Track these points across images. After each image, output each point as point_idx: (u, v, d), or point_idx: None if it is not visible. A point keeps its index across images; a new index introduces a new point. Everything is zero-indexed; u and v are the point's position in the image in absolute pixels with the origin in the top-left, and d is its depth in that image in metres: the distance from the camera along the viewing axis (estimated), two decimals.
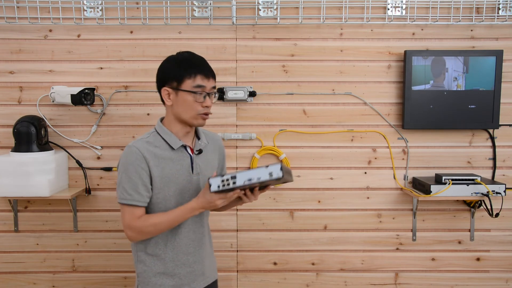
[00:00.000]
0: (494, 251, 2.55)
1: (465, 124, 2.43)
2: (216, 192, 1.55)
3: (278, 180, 1.54)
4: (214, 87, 1.67)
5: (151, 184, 1.62)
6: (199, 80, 1.62)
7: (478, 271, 2.56)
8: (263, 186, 1.61)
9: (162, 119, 1.72)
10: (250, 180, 1.53)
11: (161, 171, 1.62)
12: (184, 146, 1.68)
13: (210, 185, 1.55)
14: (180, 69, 1.63)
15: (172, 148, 1.66)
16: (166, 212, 1.63)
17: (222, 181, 1.54)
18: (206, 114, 1.66)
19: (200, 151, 1.72)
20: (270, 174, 1.52)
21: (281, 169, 1.51)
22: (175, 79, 1.63)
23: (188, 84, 1.62)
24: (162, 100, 1.68)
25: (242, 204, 1.69)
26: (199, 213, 1.65)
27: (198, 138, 1.73)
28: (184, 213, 1.62)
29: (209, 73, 1.65)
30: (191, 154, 1.69)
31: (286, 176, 1.55)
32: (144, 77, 2.44)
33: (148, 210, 1.66)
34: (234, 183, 1.54)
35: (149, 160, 1.61)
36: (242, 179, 1.54)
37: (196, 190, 1.69)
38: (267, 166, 1.53)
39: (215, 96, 1.69)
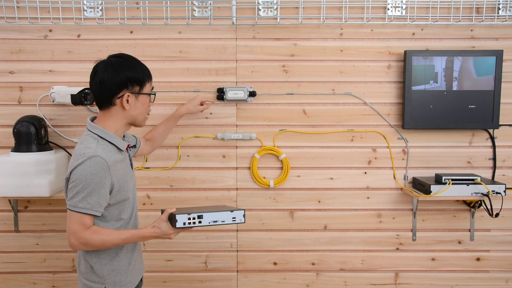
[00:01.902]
0: (494, 251, 2.55)
1: (465, 124, 2.43)
2: (179, 228, 1.62)
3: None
4: None
5: (110, 192, 1.62)
6: (151, 82, 1.72)
7: (478, 271, 2.57)
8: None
9: (95, 124, 1.67)
10: (215, 222, 1.66)
11: (117, 175, 1.63)
12: None
13: (176, 221, 1.61)
14: (140, 73, 1.66)
15: (120, 150, 1.68)
16: (117, 232, 1.63)
17: (189, 218, 1.62)
18: (148, 113, 1.75)
19: (134, 146, 1.84)
20: (234, 219, 1.70)
21: (244, 215, 1.71)
22: (137, 83, 1.65)
23: (148, 87, 1.69)
24: (103, 105, 1.65)
25: None
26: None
27: None
28: (134, 238, 1.65)
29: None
30: (125, 150, 1.74)
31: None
32: None
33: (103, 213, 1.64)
34: (200, 222, 1.64)
35: (111, 169, 1.59)
36: (207, 220, 1.66)
37: (134, 184, 1.77)
38: (232, 211, 1.69)
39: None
